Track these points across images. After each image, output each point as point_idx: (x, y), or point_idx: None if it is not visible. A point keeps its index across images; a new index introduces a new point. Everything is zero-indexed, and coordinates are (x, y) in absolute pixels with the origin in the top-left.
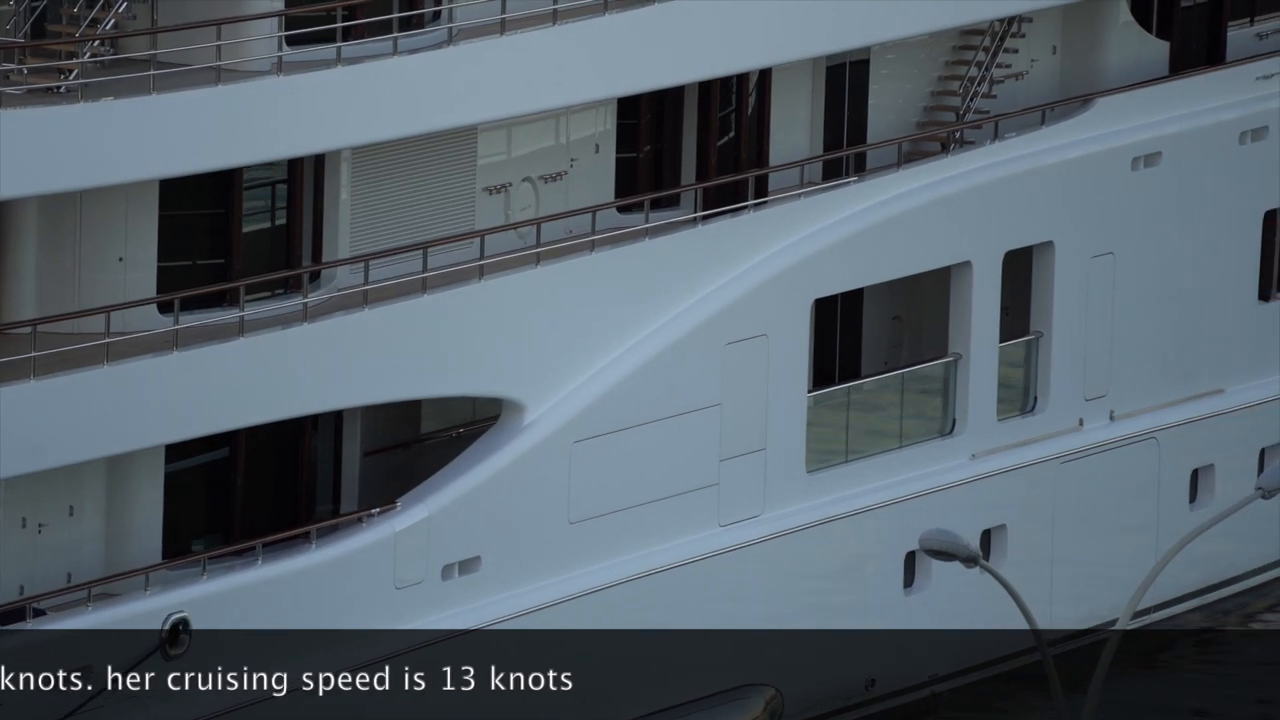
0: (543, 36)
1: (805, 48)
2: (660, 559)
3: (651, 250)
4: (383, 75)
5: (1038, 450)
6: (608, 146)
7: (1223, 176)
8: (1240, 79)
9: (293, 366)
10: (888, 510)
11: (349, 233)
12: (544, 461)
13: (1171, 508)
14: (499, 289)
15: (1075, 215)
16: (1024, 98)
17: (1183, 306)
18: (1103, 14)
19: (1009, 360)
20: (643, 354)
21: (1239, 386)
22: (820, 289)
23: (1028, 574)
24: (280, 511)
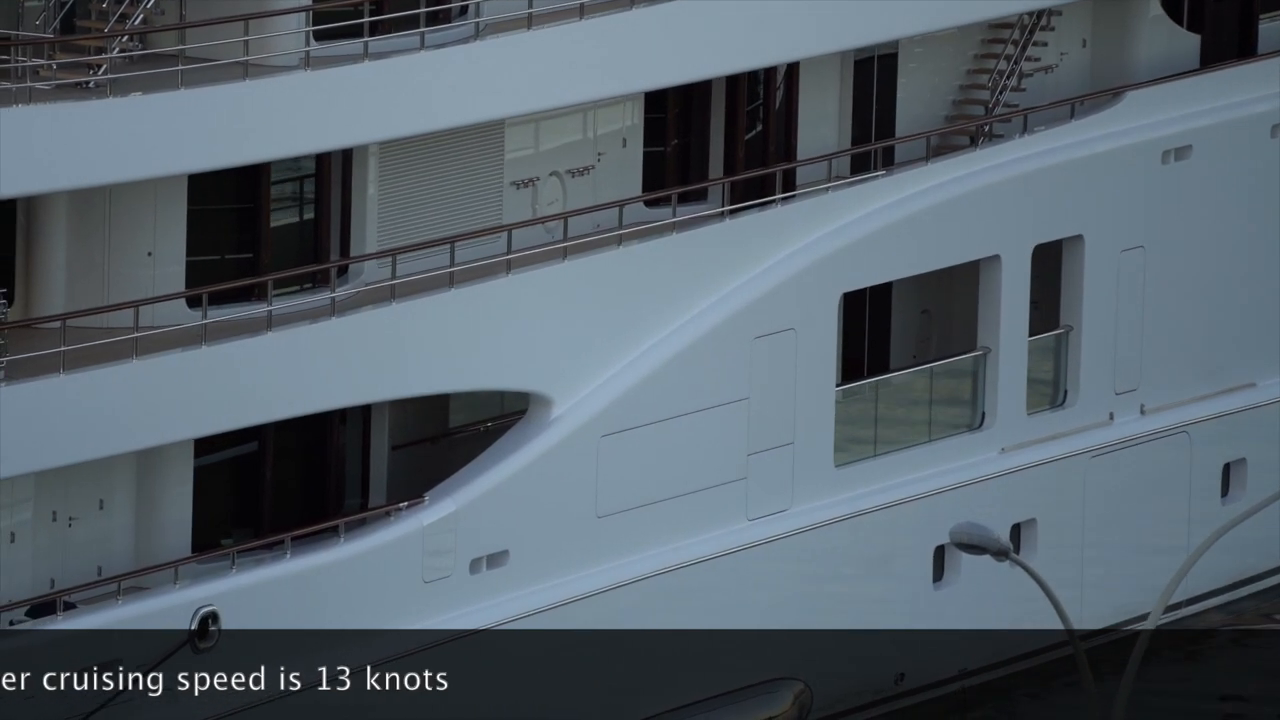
0: (570, 31)
1: (833, 41)
2: (688, 553)
3: (679, 244)
4: (410, 70)
5: (1068, 444)
6: (635, 141)
7: (1253, 170)
8: (1271, 72)
9: (320, 361)
10: (916, 505)
11: (376, 227)
12: (571, 456)
13: (1203, 502)
14: (526, 283)
15: (1105, 209)
16: (1053, 91)
17: (1213, 300)
18: (1133, 7)
19: (1039, 354)
20: (670, 348)
21: (1271, 380)
22: (848, 283)
23: (1058, 568)
24: (308, 505)
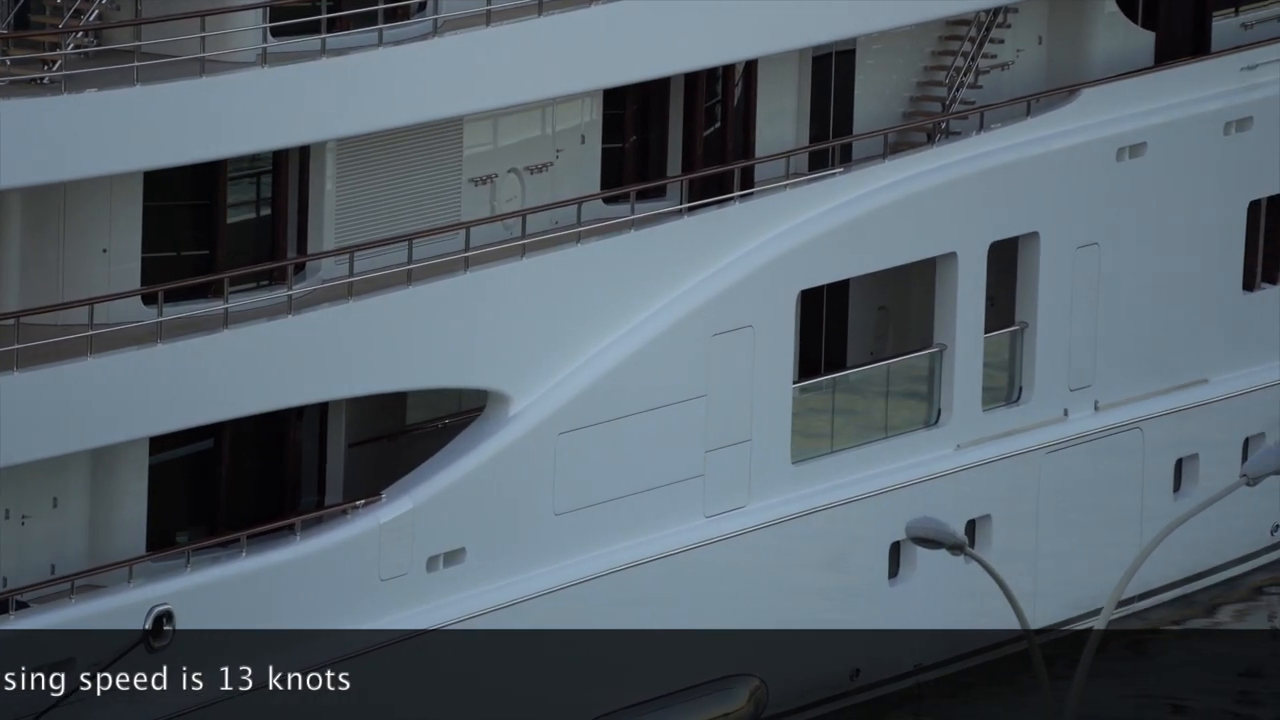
0: (528, 27)
1: (791, 39)
2: (645, 550)
3: (637, 242)
4: (368, 66)
5: (1023, 441)
6: (593, 137)
7: (1207, 167)
8: (1225, 69)
9: (277, 358)
10: (873, 501)
11: (334, 224)
12: (529, 453)
13: (1156, 497)
14: (484, 280)
15: (1060, 206)
16: (1010, 88)
17: (1167, 297)
18: (1089, 5)
19: (994, 351)
20: (628, 346)
21: (1223, 376)
22: (806, 280)
23: (1012, 564)
24: (265, 503)
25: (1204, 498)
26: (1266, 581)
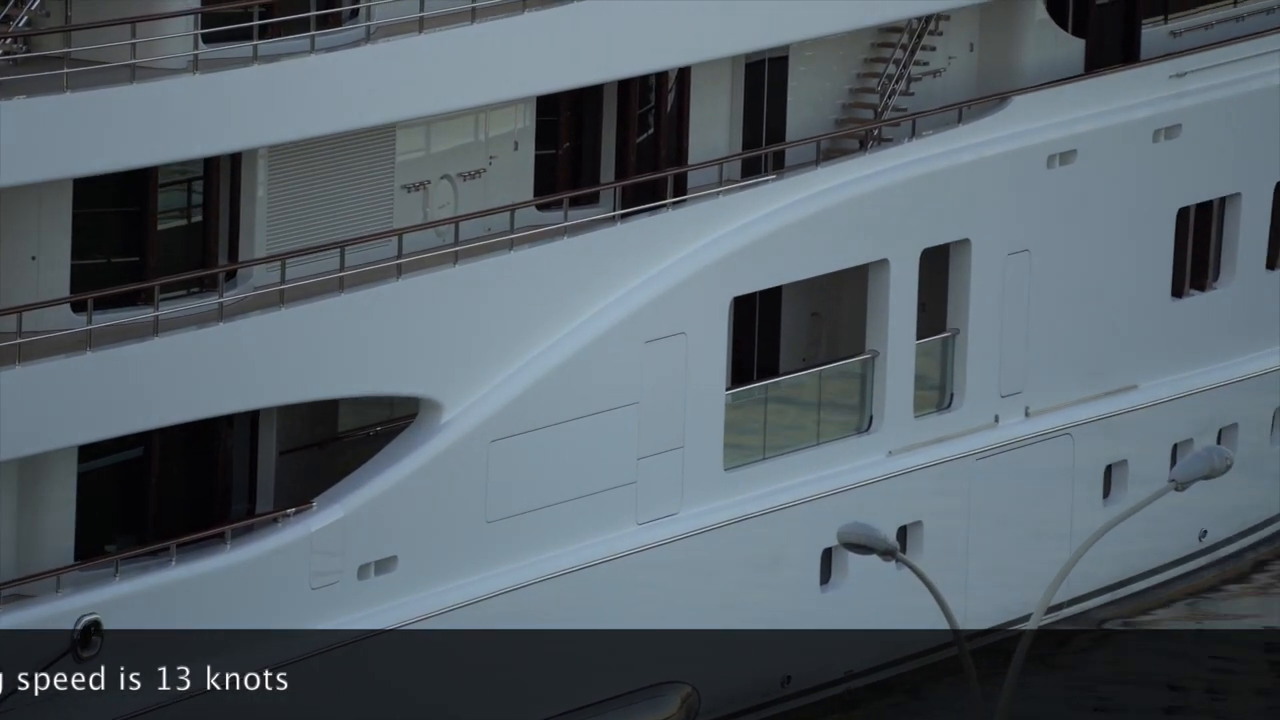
0: (461, 35)
1: (724, 46)
2: (577, 557)
3: (570, 248)
4: (300, 73)
5: (954, 447)
6: (526, 144)
7: (1137, 174)
8: (1154, 77)
9: (208, 366)
10: (805, 507)
11: (265, 231)
12: (461, 460)
13: (1085, 503)
14: (417, 288)
15: (991, 213)
16: (941, 95)
17: (1097, 303)
18: (1019, 12)
19: (926, 357)
20: (561, 352)
21: (1152, 383)
22: (739, 287)
23: (944, 569)
24: (195, 511)
25: (1133, 503)
26: (1194, 587)
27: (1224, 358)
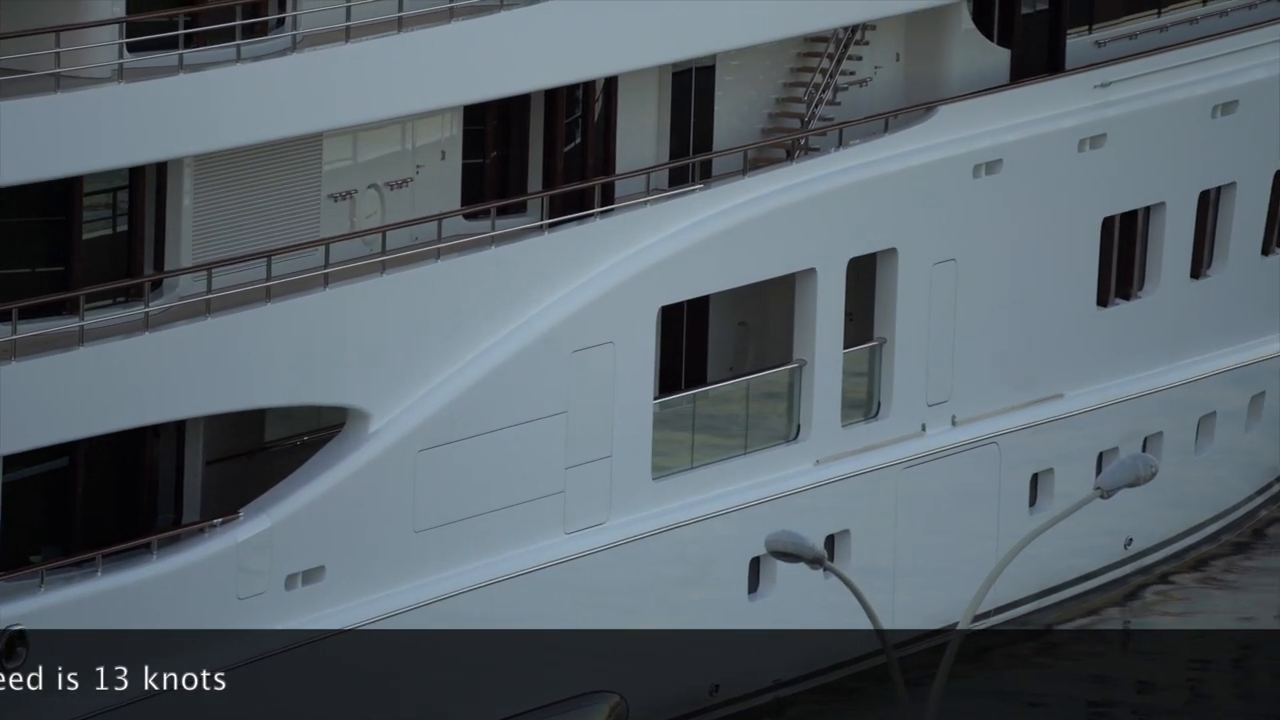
0: (388, 43)
1: (651, 55)
2: (505, 567)
3: (498, 258)
4: (226, 82)
5: (881, 456)
6: (454, 153)
7: (1062, 183)
8: (1079, 87)
9: (134, 376)
10: (733, 516)
11: (192, 240)
12: (389, 470)
13: (1012, 512)
14: (344, 297)
15: (918, 222)
16: (868, 105)
17: (1023, 312)
18: (945, 22)
19: (853, 366)
20: (489, 362)
21: (1078, 391)
22: (666, 296)
23: (871, 578)
24: (121, 522)
25: (1059, 511)
26: (1120, 594)
27: (1149, 367)
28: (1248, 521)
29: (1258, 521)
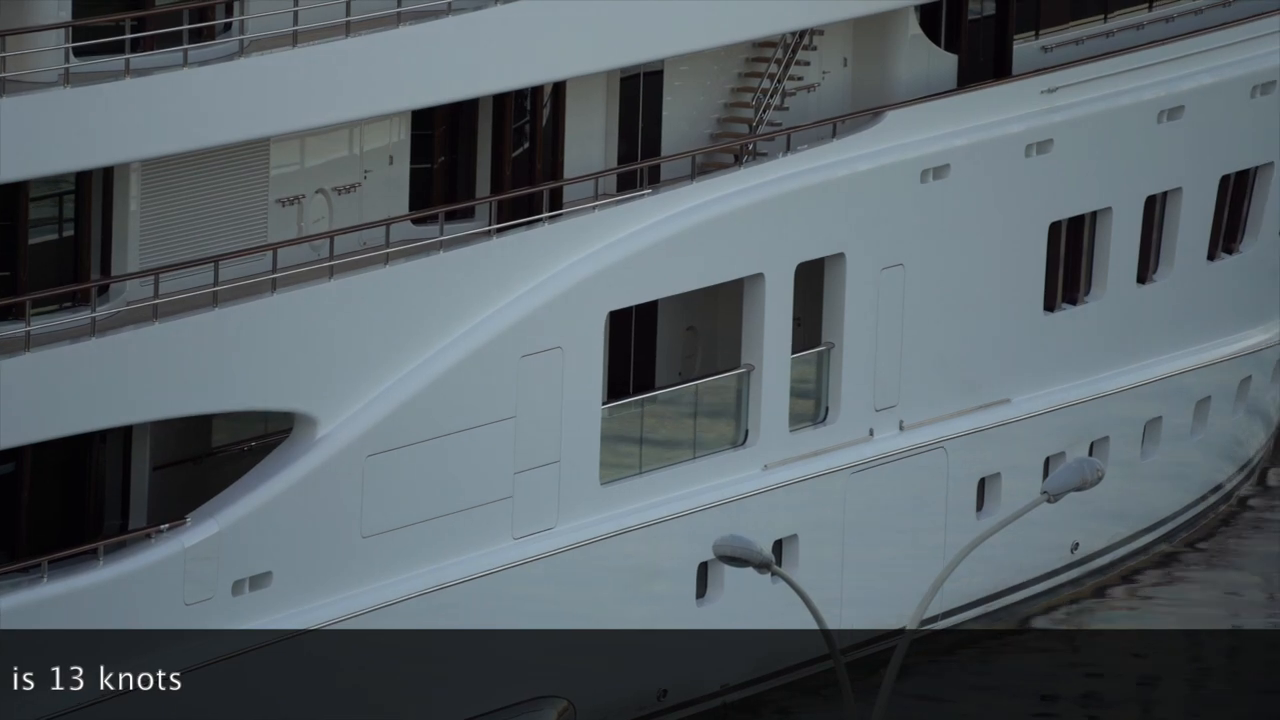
0: (336, 48)
1: (599, 61)
2: (454, 572)
3: (446, 263)
4: (172, 87)
5: (829, 460)
6: (402, 158)
7: (1009, 189)
8: (1026, 92)
9: (81, 381)
10: (681, 521)
11: (138, 246)
12: (336, 476)
13: (959, 516)
14: (291, 302)
15: (866, 227)
16: (816, 110)
17: (971, 317)
18: (892, 27)
19: (801, 371)
20: (437, 367)
21: (1025, 396)
22: (615, 301)
23: (819, 582)
24: (67, 527)
25: (1006, 516)
26: (1067, 597)
27: (1095, 371)
28: (1194, 525)
29: (1204, 525)
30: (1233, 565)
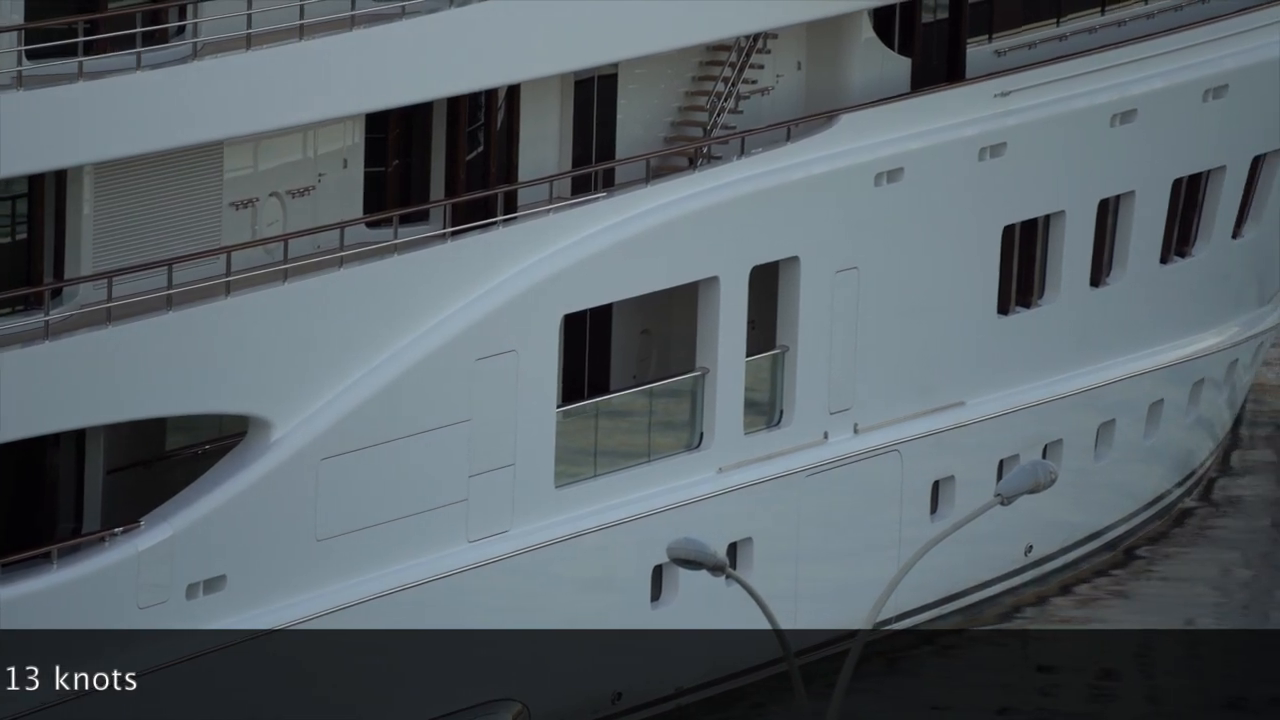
0: (290, 51)
1: (553, 64)
2: (408, 575)
3: (400, 266)
4: (126, 90)
5: (784, 463)
6: (356, 161)
7: (963, 192)
8: (979, 96)
9: (34, 385)
10: (636, 524)
11: (92, 248)
12: (291, 479)
13: (913, 519)
14: (246, 305)
15: (820, 230)
16: (770, 113)
17: (925, 320)
18: (846, 31)
19: (755, 374)
20: (391, 370)
21: (979, 399)
22: (569, 304)
23: (774, 585)
24: (20, 531)
25: (960, 518)
26: (1021, 600)
27: (1049, 374)
28: (1147, 526)
29: (1156, 526)
30: (1186, 565)
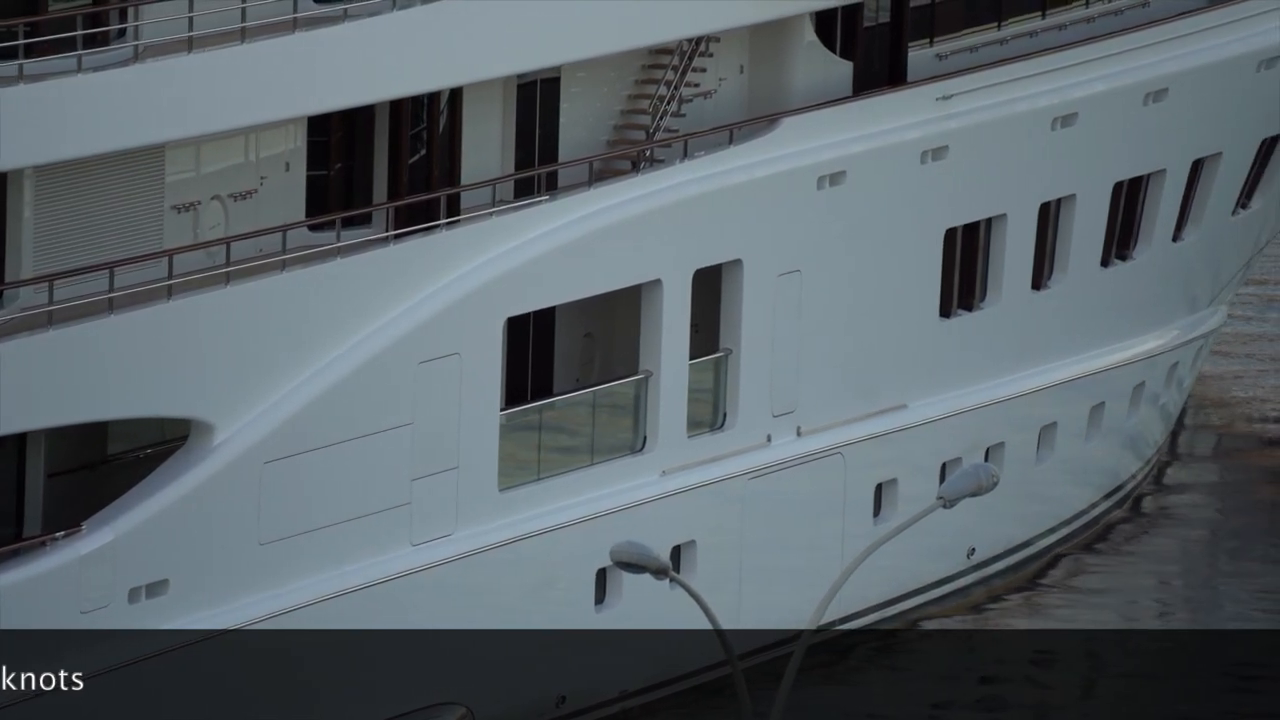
0: (231, 54)
1: (496, 67)
2: (351, 579)
3: (343, 269)
4: (67, 93)
5: (727, 466)
6: (298, 164)
7: (905, 195)
8: (921, 99)
9: None
10: (579, 528)
11: (33, 252)
12: (233, 482)
13: (856, 521)
14: (188, 309)
15: (763, 233)
16: (713, 116)
17: (867, 323)
18: (788, 35)
19: (699, 377)
20: (334, 374)
21: (921, 402)
22: (512, 307)
23: (717, 588)
24: None
25: (903, 521)
26: (964, 603)
27: (991, 377)
28: (1088, 529)
29: (1097, 529)
30: (1127, 566)
